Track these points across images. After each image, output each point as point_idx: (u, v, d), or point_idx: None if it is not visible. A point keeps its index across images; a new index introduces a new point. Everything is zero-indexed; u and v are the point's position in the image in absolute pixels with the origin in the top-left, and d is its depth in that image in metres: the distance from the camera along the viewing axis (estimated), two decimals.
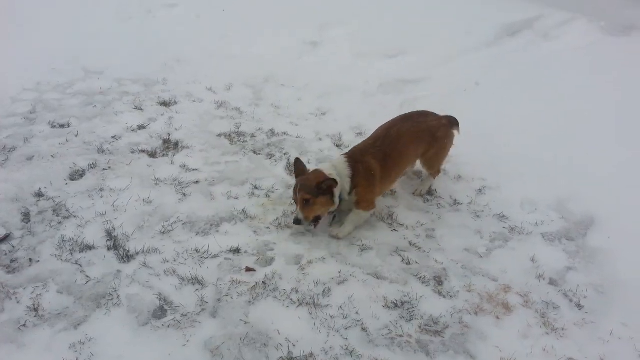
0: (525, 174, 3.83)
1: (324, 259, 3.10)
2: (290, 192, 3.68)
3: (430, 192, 3.81)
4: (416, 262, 3.08)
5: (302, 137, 4.42)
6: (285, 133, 4.45)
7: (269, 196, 3.67)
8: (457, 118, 3.74)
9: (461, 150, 3.98)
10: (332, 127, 4.56)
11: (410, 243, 3.26)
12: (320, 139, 4.40)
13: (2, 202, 3.41)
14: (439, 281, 2.95)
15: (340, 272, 2.97)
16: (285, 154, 4.17)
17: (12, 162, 3.84)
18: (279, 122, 4.60)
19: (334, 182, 3.14)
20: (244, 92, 5.08)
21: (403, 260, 3.10)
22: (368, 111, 4.73)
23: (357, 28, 6.17)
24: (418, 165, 3.83)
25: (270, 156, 4.13)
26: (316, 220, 3.27)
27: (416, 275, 2.97)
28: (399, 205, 3.62)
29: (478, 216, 3.55)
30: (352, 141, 4.35)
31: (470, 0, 6.22)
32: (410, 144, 3.50)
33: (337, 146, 4.31)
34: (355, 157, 3.35)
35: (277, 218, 3.44)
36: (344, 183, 3.26)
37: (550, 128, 4.28)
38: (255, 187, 3.74)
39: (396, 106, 4.71)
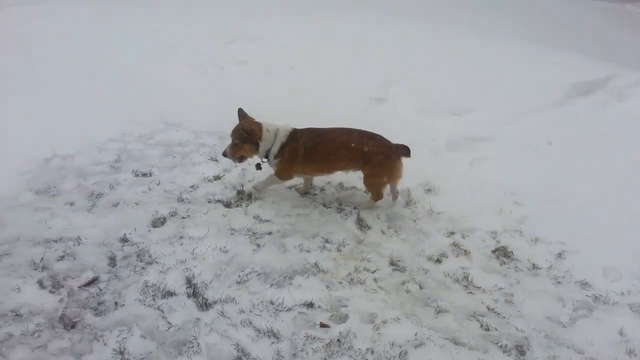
0: (604, 238, 3.71)
1: (399, 319, 3.08)
2: (362, 247, 3.75)
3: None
4: (495, 329, 3.01)
5: None
6: (354, 187, 4.53)
7: (340, 250, 3.72)
8: (408, 147, 4.07)
9: (536, 211, 3.92)
10: (401, 183, 4.59)
11: (488, 308, 3.19)
12: (389, 194, 4.44)
13: (90, 246, 3.63)
14: (520, 351, 2.87)
15: (416, 335, 2.94)
16: (354, 209, 4.24)
17: (99, 208, 4.09)
18: (347, 176, 4.69)
19: (254, 137, 3.96)
20: None
21: (482, 325, 3.04)
22: (436, 168, 4.75)
23: (422, 85, 6.30)
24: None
25: (340, 210, 4.21)
26: (241, 159, 4.15)
27: (496, 343, 2.90)
28: (473, 266, 3.57)
29: (559, 282, 3.45)
30: (422, 197, 4.38)
31: (539, 58, 6.25)
32: (339, 152, 4.00)
33: (408, 202, 4.33)
34: (295, 135, 4.06)
35: (350, 273, 3.48)
36: (275, 145, 4.02)
37: (626, 191, 4.15)
38: (327, 241, 3.81)
39: (465, 163, 4.72)
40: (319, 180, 4.65)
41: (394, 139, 5.22)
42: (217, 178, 4.61)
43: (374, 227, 4.02)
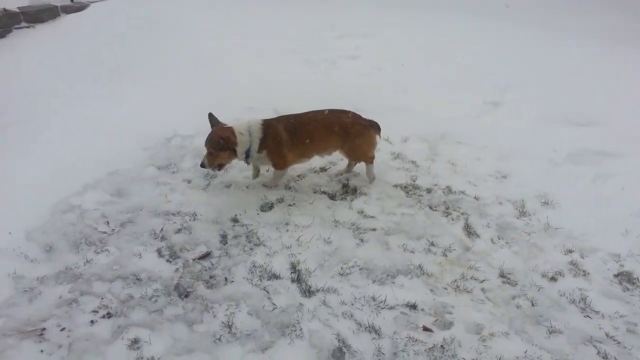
0: None
1: (507, 334, 2.93)
2: (469, 254, 3.61)
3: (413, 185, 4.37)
4: (615, 358, 2.76)
5: (481, 198, 4.30)
6: (462, 192, 4.38)
7: (446, 255, 3.61)
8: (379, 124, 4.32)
9: None
10: (513, 192, 4.37)
11: (607, 334, 2.94)
12: (501, 203, 4.24)
13: (205, 223, 3.83)
14: None
15: (526, 353, 2.78)
16: (462, 214, 4.09)
17: (213, 188, 4.31)
18: (455, 180, 4.55)
19: (230, 143, 3.87)
20: (420, 146, 5.14)
21: (599, 352, 2.81)
22: (555, 180, 4.45)
23: (541, 92, 5.95)
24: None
25: (446, 214, 4.09)
26: (220, 167, 4.10)
27: None
28: (592, 288, 3.30)
29: None
30: (537, 210, 4.14)
31: None
32: (321, 130, 4.13)
33: (521, 213, 4.11)
34: (270, 123, 4.06)
35: (456, 280, 3.36)
36: (254, 142, 3.98)
37: None
38: (432, 244, 3.71)
39: (589, 178, 4.38)
40: (426, 181, 4.54)
41: (509, 146, 5.01)
42: (323, 170, 4.66)
43: (483, 236, 3.86)
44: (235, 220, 3.87)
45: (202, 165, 4.02)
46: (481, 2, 8.66)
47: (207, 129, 5.24)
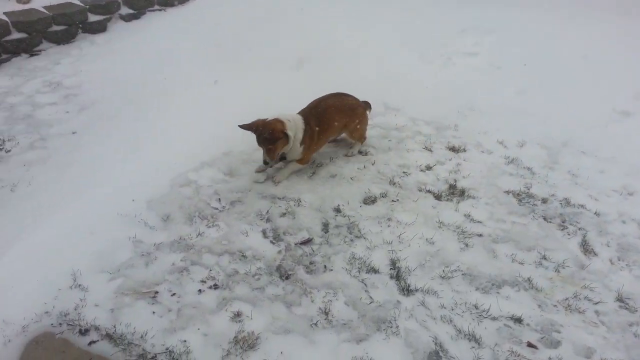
0: None
1: None
2: (584, 273, 3.34)
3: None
4: None
5: (602, 214, 3.95)
6: (582, 206, 4.04)
7: (558, 271, 3.36)
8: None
9: None
10: (639, 211, 3.96)
11: None
12: (624, 222, 3.86)
13: (308, 209, 3.90)
14: None
15: None
16: (580, 229, 3.78)
17: (319, 176, 4.36)
18: (575, 192, 4.21)
19: (280, 133, 3.84)
20: (538, 152, 4.81)
21: None
22: None
23: None
24: None
25: (562, 227, 3.80)
26: (281, 158, 4.14)
27: None
28: None
29: None
30: None
31: None
32: (336, 115, 4.34)
33: None
34: (306, 118, 4.10)
35: (567, 298, 3.12)
36: (299, 134, 4.02)
37: None
38: (544, 257, 3.47)
39: None
40: (541, 190, 4.25)
41: None
42: (429, 168, 4.54)
43: (602, 255, 3.54)
44: (337, 210, 3.90)
45: (265, 163, 4.10)
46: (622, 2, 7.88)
47: None
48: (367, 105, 4.78)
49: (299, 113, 4.22)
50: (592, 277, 3.33)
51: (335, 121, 4.40)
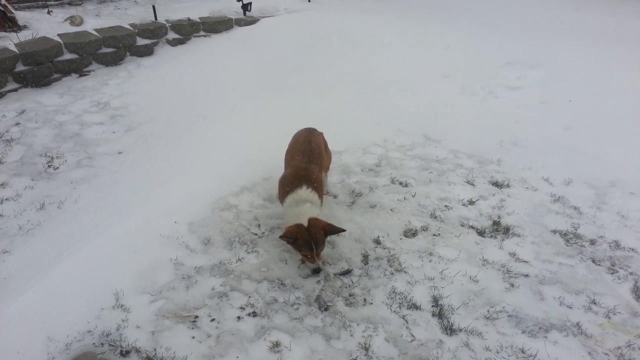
0: None
1: None
2: (637, 321, 3.17)
3: None
4: None
5: None
6: (633, 249, 3.88)
7: (609, 317, 3.20)
8: None
9: None
10: None
11: None
12: None
13: (347, 240, 3.85)
14: None
15: None
16: (631, 274, 3.61)
17: (358, 206, 4.32)
18: (625, 235, 4.04)
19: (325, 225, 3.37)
20: (585, 192, 4.67)
21: None
22: None
23: None
24: None
25: (612, 271, 3.64)
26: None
27: None
28: None
29: None
30: None
31: None
32: (322, 151, 3.98)
33: None
34: (310, 179, 3.57)
35: (620, 347, 2.96)
36: (317, 204, 3.54)
37: None
38: (594, 302, 3.32)
39: None
40: (589, 231, 4.10)
41: None
42: (471, 203, 4.45)
43: None
44: (377, 242, 3.84)
45: (317, 271, 3.49)
46: None
47: (356, 147, 5.36)
48: None
49: (306, 186, 3.53)
50: None
51: (323, 155, 4.02)
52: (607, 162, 5.04)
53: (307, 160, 3.74)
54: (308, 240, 3.28)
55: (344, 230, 3.42)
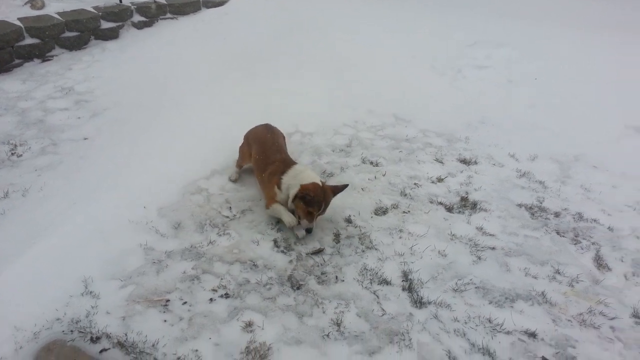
0: None
1: None
2: (598, 288, 3.30)
3: None
4: None
5: (616, 229, 3.92)
6: (595, 220, 4.01)
7: (572, 286, 3.32)
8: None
9: None
10: None
11: None
12: (638, 237, 3.84)
13: (320, 220, 3.86)
14: None
15: None
16: (593, 244, 3.75)
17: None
18: (588, 207, 4.18)
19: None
20: (550, 167, 4.79)
21: None
22: None
23: None
24: None
25: (575, 242, 3.77)
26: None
27: None
28: None
29: None
30: None
31: None
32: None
33: None
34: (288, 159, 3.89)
35: (582, 313, 3.08)
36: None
37: None
38: (557, 272, 3.44)
39: None
40: (554, 204, 4.23)
41: None
42: (440, 180, 4.52)
43: (616, 270, 3.51)
44: (348, 220, 3.88)
45: (310, 231, 3.63)
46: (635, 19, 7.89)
47: (327, 128, 5.37)
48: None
49: (302, 166, 3.87)
50: (607, 292, 3.30)
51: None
52: (571, 138, 5.18)
53: (281, 151, 3.99)
54: (320, 200, 3.49)
55: (347, 186, 3.73)
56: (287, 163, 3.82)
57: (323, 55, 7.02)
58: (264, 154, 3.98)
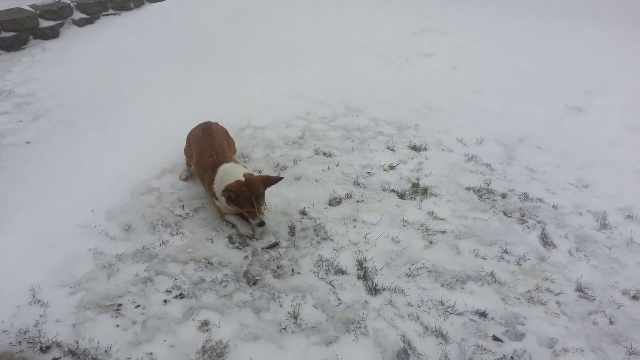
0: None
1: (583, 351, 2.78)
2: (545, 265, 3.45)
3: None
4: None
5: (560, 207, 4.10)
6: (540, 200, 4.18)
7: (520, 265, 3.46)
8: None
9: None
10: (594, 203, 4.13)
11: None
12: (581, 214, 4.02)
13: (274, 214, 3.88)
14: None
15: None
16: (539, 223, 3.91)
17: (283, 180, 4.33)
18: (533, 187, 4.35)
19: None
20: (496, 149, 4.95)
21: None
22: None
23: (631, 98, 5.54)
24: None
25: (522, 221, 3.91)
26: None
27: None
28: None
29: None
30: (620, 224, 3.89)
31: None
32: (223, 140, 4.07)
33: (602, 226, 3.87)
34: (227, 159, 3.79)
35: (530, 291, 3.21)
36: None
37: None
38: (506, 252, 3.56)
39: None
40: (501, 186, 4.37)
41: (593, 155, 4.73)
42: (392, 168, 4.60)
43: (561, 247, 3.67)
44: (303, 213, 3.90)
45: (262, 224, 3.54)
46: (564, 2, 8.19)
47: (279, 121, 5.35)
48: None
49: (234, 163, 3.83)
50: (553, 269, 3.44)
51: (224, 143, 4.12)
52: (515, 121, 5.36)
53: (216, 152, 3.84)
54: (249, 196, 3.39)
55: (282, 179, 3.61)
56: (216, 167, 3.68)
57: (271, 46, 6.99)
58: (200, 157, 3.90)
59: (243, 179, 3.46)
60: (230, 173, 3.57)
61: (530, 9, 7.83)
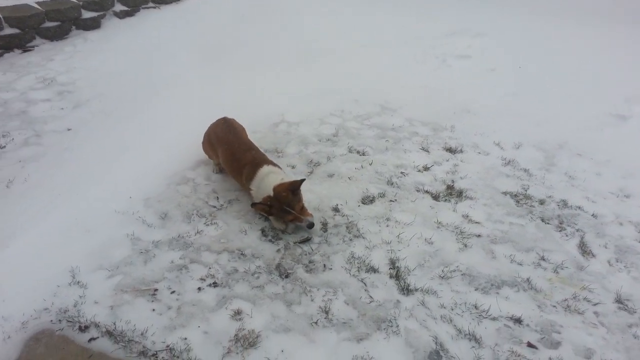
0: None
1: None
2: (583, 274, 3.36)
3: None
4: None
5: (599, 216, 3.99)
6: (579, 207, 4.07)
7: (557, 272, 3.38)
8: None
9: None
10: (635, 213, 4.01)
11: None
12: (621, 224, 3.90)
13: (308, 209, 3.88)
14: None
15: None
16: (577, 231, 3.81)
17: (316, 176, 4.35)
18: (572, 194, 4.24)
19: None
20: (534, 154, 4.85)
21: None
22: None
23: None
24: None
25: (560, 229, 3.82)
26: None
27: None
28: None
29: None
30: None
31: None
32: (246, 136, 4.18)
33: None
34: (264, 159, 3.82)
35: (566, 299, 3.13)
36: (279, 171, 3.74)
37: None
38: (542, 258, 3.49)
39: None
40: (539, 192, 4.29)
41: (636, 164, 4.60)
42: (426, 169, 4.55)
43: (600, 256, 3.57)
44: (336, 209, 3.89)
45: (312, 225, 3.59)
46: (613, 7, 7.97)
47: (313, 117, 5.36)
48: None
49: (273, 164, 3.83)
50: (591, 278, 3.35)
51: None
52: (555, 125, 5.24)
53: (250, 147, 3.94)
54: (281, 207, 3.41)
55: (304, 180, 3.56)
56: (256, 163, 3.72)
57: (306, 43, 7.02)
58: (231, 152, 3.90)
59: (272, 193, 3.46)
60: (266, 183, 3.57)
61: (570, 14, 7.65)
